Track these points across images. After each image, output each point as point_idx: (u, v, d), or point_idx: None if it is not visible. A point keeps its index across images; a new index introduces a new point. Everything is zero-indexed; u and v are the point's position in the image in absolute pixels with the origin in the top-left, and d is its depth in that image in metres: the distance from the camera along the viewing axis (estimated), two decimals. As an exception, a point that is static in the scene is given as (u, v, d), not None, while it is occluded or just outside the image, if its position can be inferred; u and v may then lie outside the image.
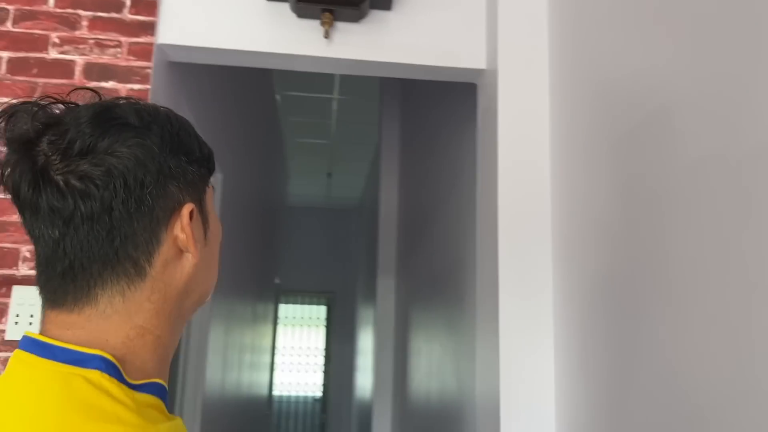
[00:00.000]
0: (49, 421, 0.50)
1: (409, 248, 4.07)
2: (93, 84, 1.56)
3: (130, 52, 1.59)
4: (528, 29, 1.61)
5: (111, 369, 0.55)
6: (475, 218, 2.23)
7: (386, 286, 4.56)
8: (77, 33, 1.58)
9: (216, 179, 2.61)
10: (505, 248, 1.48)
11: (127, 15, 1.60)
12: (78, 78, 1.56)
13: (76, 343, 0.56)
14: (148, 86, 1.58)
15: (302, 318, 9.29)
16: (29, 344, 0.57)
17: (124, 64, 1.58)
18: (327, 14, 1.62)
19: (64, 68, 1.56)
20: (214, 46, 1.64)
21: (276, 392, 8.66)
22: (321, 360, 9.39)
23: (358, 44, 1.67)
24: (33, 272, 1.36)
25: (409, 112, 4.27)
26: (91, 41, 1.58)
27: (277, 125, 5.77)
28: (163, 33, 1.62)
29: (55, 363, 0.54)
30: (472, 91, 1.82)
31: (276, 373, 8.44)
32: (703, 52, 0.97)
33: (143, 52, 1.59)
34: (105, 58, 1.58)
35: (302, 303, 9.21)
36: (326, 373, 9.33)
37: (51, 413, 0.51)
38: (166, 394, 0.60)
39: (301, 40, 1.66)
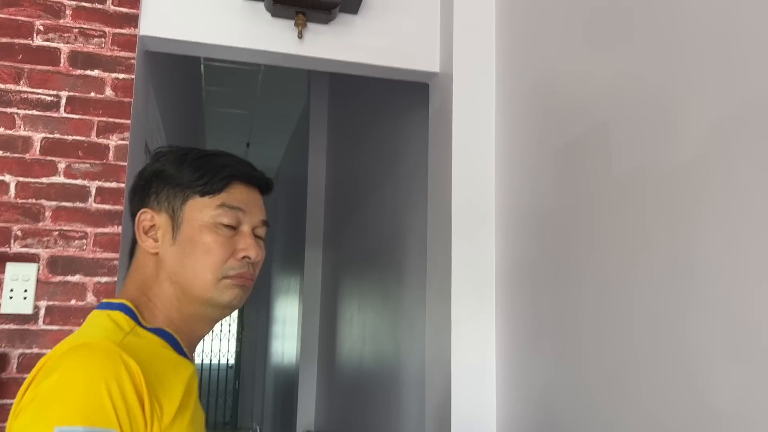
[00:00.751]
0: (78, 333, 0.82)
1: (337, 222, 4.27)
2: (78, 72, 1.65)
3: (114, 42, 1.68)
4: (478, 39, 1.84)
5: (127, 310, 0.85)
6: (413, 199, 2.48)
7: (313, 256, 4.75)
8: (61, 21, 1.65)
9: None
10: (457, 231, 1.73)
11: (110, 6, 1.69)
12: (63, 65, 1.64)
13: (117, 299, 0.87)
14: (132, 76, 1.68)
15: (216, 286, 9.31)
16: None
17: (108, 53, 1.67)
18: (301, 16, 1.78)
19: (50, 55, 1.64)
20: (193, 39, 1.76)
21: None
22: (235, 328, 9.47)
23: (327, 44, 1.84)
24: (25, 250, 1.48)
25: (340, 89, 4.42)
26: (75, 30, 1.66)
27: (200, 95, 5.75)
28: (145, 25, 1.72)
29: (99, 310, 0.86)
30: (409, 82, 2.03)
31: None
32: (637, 72, 1.23)
33: (127, 42, 1.69)
34: (90, 47, 1.66)
35: (217, 271, 9.22)
36: (240, 340, 9.43)
37: (81, 330, 0.83)
38: (172, 339, 0.86)
39: (275, 38, 1.81)
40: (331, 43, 1.84)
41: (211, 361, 9.27)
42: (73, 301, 1.57)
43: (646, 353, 1.13)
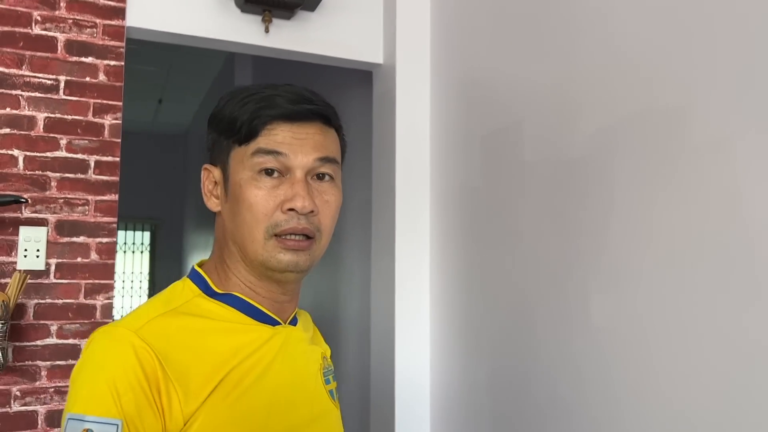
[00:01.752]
0: (139, 307, 0.80)
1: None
2: (74, 59, 1.87)
3: (105, 33, 1.91)
4: (416, 36, 2.21)
5: (195, 277, 0.83)
6: (350, 166, 2.84)
7: (240, 215, 5.01)
8: (57, 13, 1.86)
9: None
10: (399, 200, 2.12)
11: (100, 0, 1.91)
12: (61, 53, 1.86)
13: (200, 263, 0.87)
14: (122, 63, 1.92)
15: (126, 244, 9.26)
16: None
17: (100, 42, 1.90)
18: (267, 13, 2.07)
19: (48, 43, 1.84)
20: (172, 30, 2.01)
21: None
22: (146, 285, 9.49)
23: (289, 38, 2.14)
24: (35, 215, 1.74)
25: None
26: (70, 21, 1.87)
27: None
28: (131, 17, 1.95)
29: (187, 276, 0.85)
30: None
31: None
32: (546, 76, 1.65)
33: (116, 33, 1.92)
34: (83, 37, 1.88)
35: (126, 229, 9.16)
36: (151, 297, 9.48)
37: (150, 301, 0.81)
38: (242, 304, 0.81)
39: (244, 31, 2.09)
40: (292, 37, 2.15)
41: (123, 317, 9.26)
42: (78, 259, 1.83)
43: (547, 298, 1.58)
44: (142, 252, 9.41)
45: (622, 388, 1.32)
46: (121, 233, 9.16)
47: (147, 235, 9.41)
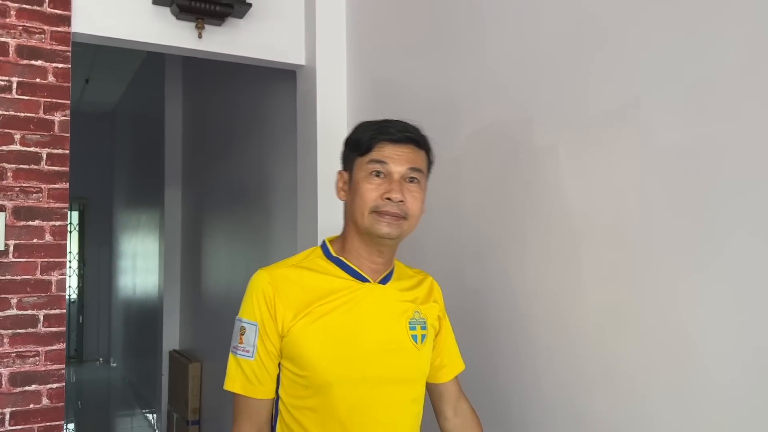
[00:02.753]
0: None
1: (197, 167, 4.77)
2: (25, 62, 2.09)
3: (53, 38, 2.13)
4: (333, 41, 2.52)
5: (324, 246, 1.28)
6: (280, 156, 3.15)
7: (173, 195, 5.21)
8: (7, 20, 2.07)
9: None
10: (321, 184, 2.45)
11: (47, 8, 2.13)
12: (12, 56, 2.07)
13: (330, 237, 1.31)
14: (69, 65, 2.15)
15: (54, 224, 9.17)
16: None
17: (48, 47, 2.13)
18: (200, 20, 2.34)
19: (1, 48, 2.06)
20: (114, 36, 2.25)
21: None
22: (75, 264, 9.46)
23: (220, 42, 2.42)
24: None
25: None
26: (20, 27, 2.09)
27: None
28: (76, 23, 2.18)
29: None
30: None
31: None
32: (438, 84, 2.01)
33: (63, 38, 2.15)
34: (33, 42, 2.11)
35: (54, 209, 9.07)
36: (81, 276, 9.47)
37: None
38: (343, 264, 1.23)
39: (179, 36, 2.35)
40: (223, 41, 2.43)
41: (51, 298, 9.22)
42: (34, 240, 2.08)
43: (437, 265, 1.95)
44: (71, 232, 9.37)
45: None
46: (48, 213, 9.06)
47: (75, 214, 9.38)
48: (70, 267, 9.37)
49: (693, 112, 1.19)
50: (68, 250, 2.04)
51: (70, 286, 9.34)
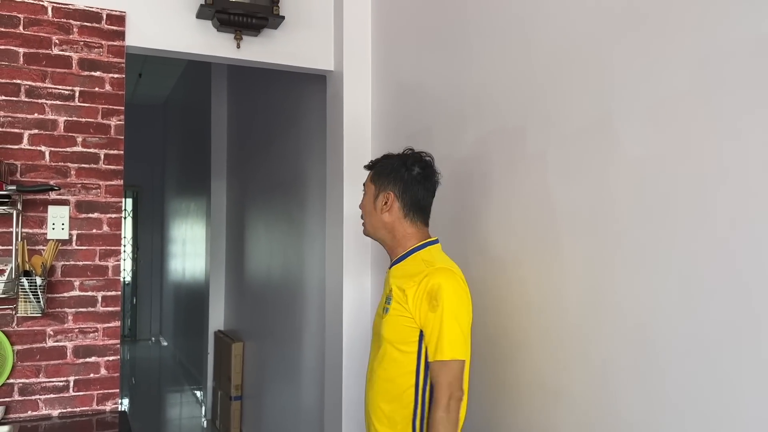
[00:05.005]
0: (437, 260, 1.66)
1: (241, 159, 5.07)
2: (86, 73, 2.37)
3: (109, 51, 2.41)
4: (359, 48, 2.73)
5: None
6: (314, 152, 3.39)
7: (219, 185, 5.54)
8: (71, 36, 2.36)
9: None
10: (347, 179, 2.67)
11: (104, 25, 2.40)
12: (75, 68, 2.36)
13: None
14: (123, 75, 2.43)
15: (110, 210, 9.69)
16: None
17: (105, 60, 2.40)
18: (238, 32, 2.58)
19: (65, 61, 2.35)
20: (162, 47, 2.51)
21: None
22: (129, 248, 9.99)
23: (257, 51, 2.66)
24: (59, 197, 2.27)
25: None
26: (81, 43, 2.37)
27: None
28: (129, 38, 2.45)
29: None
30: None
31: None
32: (446, 90, 2.20)
33: (118, 51, 2.42)
34: (92, 55, 2.39)
35: (110, 196, 9.58)
36: (135, 260, 9.99)
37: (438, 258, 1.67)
38: (392, 259, 1.71)
39: (219, 46, 2.60)
40: (259, 50, 2.67)
41: (107, 280, 9.77)
42: (94, 230, 2.37)
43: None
44: (125, 217, 9.90)
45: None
46: (104, 200, 9.58)
47: (129, 201, 9.89)
48: (124, 251, 9.91)
49: (655, 126, 1.36)
50: (122, 237, 2.31)
51: (124, 270, 9.88)
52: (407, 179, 1.68)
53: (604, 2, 1.51)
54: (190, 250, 6.91)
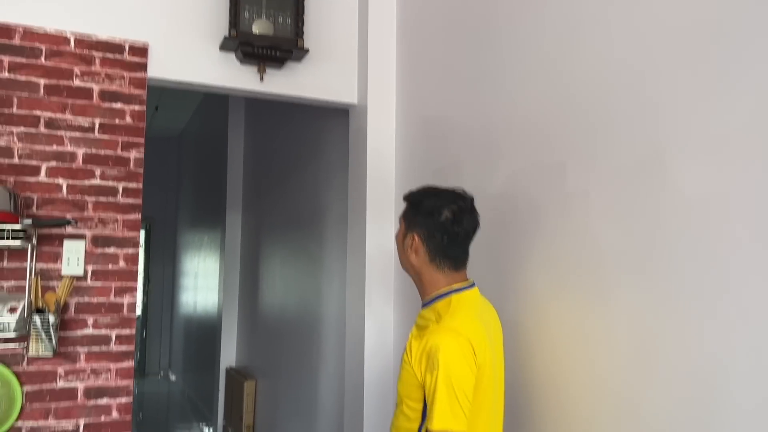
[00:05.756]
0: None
1: (257, 192, 5.01)
2: (107, 105, 2.32)
3: (131, 83, 2.36)
4: (383, 83, 2.68)
5: None
6: (333, 186, 3.32)
7: (234, 218, 5.47)
8: (92, 68, 2.31)
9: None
10: (370, 210, 2.59)
11: (127, 57, 2.36)
12: (96, 100, 2.31)
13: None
14: (144, 108, 2.38)
15: (122, 242, 9.66)
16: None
17: (127, 91, 2.36)
18: (262, 65, 2.54)
19: (86, 93, 2.30)
20: (184, 80, 2.47)
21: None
22: (141, 281, 9.92)
23: (280, 84, 2.61)
24: (76, 231, 2.20)
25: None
26: (103, 74, 2.33)
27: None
28: (151, 70, 2.41)
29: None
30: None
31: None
32: (475, 121, 2.12)
33: (140, 83, 2.38)
34: (114, 87, 2.34)
35: (123, 228, 9.56)
36: (146, 292, 9.91)
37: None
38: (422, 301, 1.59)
39: (243, 79, 2.55)
40: (282, 83, 2.62)
41: (118, 312, 9.68)
42: (110, 266, 2.29)
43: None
44: (136, 249, 9.86)
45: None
46: (117, 232, 9.55)
47: (142, 233, 9.86)
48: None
49: (711, 163, 1.27)
50: (138, 273, 2.24)
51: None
52: (433, 225, 1.55)
53: (651, 33, 1.44)
54: (202, 283, 6.82)
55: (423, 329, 1.49)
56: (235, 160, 5.52)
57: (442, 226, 1.54)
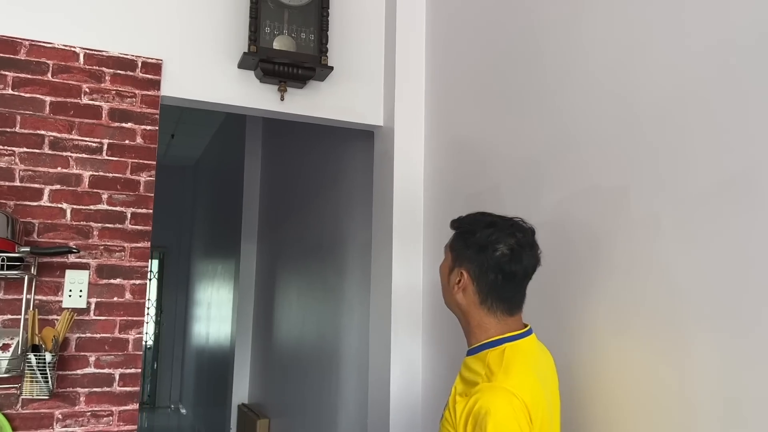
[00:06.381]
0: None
1: (274, 221, 4.84)
2: (116, 124, 2.16)
3: (143, 101, 2.21)
4: (412, 103, 2.50)
5: None
6: (354, 214, 3.13)
7: (249, 248, 5.29)
8: (102, 85, 2.16)
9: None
10: (396, 240, 2.39)
11: (139, 74, 2.21)
12: (104, 119, 2.15)
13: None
14: (156, 127, 2.22)
15: (135, 271, 9.52)
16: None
17: (138, 110, 2.20)
18: (283, 84, 2.37)
19: (94, 111, 2.14)
20: (200, 98, 2.31)
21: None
22: (153, 311, 9.74)
23: (302, 104, 2.44)
24: (79, 260, 2.01)
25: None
26: (113, 92, 2.17)
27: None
28: (165, 87, 2.25)
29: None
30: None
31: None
32: (519, 145, 1.93)
33: (152, 101, 2.22)
34: (124, 105, 2.18)
35: (136, 257, 9.42)
36: (158, 323, 9.72)
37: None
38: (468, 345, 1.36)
39: (262, 98, 2.39)
40: (304, 103, 2.45)
41: (129, 343, 9.50)
42: (115, 298, 2.11)
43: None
44: (150, 279, 9.70)
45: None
46: (130, 261, 9.43)
47: (155, 263, 9.71)
48: (147, 314, 9.68)
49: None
50: (146, 307, 2.05)
51: (147, 333, 9.62)
52: (486, 261, 1.33)
53: (729, 38, 1.25)
54: (215, 314, 6.62)
55: (470, 385, 1.27)
56: (251, 188, 5.37)
57: (497, 263, 1.32)
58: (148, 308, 9.73)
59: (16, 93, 2.05)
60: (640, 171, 1.45)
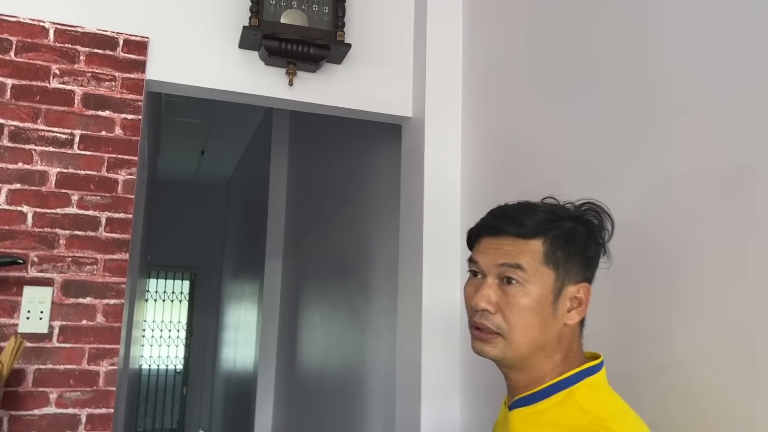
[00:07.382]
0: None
1: (299, 238, 4.46)
2: (91, 112, 1.81)
3: (124, 86, 1.86)
4: (447, 90, 2.10)
5: None
6: (380, 226, 2.71)
7: (274, 267, 4.92)
8: (75, 66, 1.82)
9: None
10: (427, 258, 1.97)
11: (120, 53, 1.86)
12: (77, 106, 1.80)
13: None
14: (140, 117, 1.86)
15: (166, 293, 9.29)
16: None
17: (118, 96, 1.85)
18: (292, 66, 1.99)
19: (65, 97, 1.80)
20: (194, 83, 1.94)
21: (143, 365, 8.71)
22: (183, 334, 9.47)
23: (314, 90, 2.06)
24: (41, 274, 1.64)
25: (302, 115, 4.61)
26: (89, 74, 1.83)
27: (159, 104, 5.83)
28: (152, 70, 1.90)
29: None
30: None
31: (142, 347, 8.46)
32: (579, 138, 1.50)
33: (135, 86, 1.87)
34: (101, 90, 1.83)
35: (167, 278, 9.19)
36: (188, 346, 9.44)
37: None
38: (517, 393, 0.96)
39: (268, 84, 2.01)
40: (317, 89, 2.07)
41: (158, 366, 9.25)
42: (84, 321, 1.73)
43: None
44: (181, 301, 9.43)
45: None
46: (156, 282, 9.21)
47: (186, 284, 9.44)
48: (178, 337, 9.40)
49: None
50: (122, 331, 1.67)
51: (177, 357, 9.35)
52: (597, 261, 1.01)
53: None
54: (242, 337, 6.28)
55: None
56: (277, 204, 5.02)
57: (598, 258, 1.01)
58: (179, 331, 9.46)
59: (-29, 74, 1.72)
60: (759, 147, 1.01)
